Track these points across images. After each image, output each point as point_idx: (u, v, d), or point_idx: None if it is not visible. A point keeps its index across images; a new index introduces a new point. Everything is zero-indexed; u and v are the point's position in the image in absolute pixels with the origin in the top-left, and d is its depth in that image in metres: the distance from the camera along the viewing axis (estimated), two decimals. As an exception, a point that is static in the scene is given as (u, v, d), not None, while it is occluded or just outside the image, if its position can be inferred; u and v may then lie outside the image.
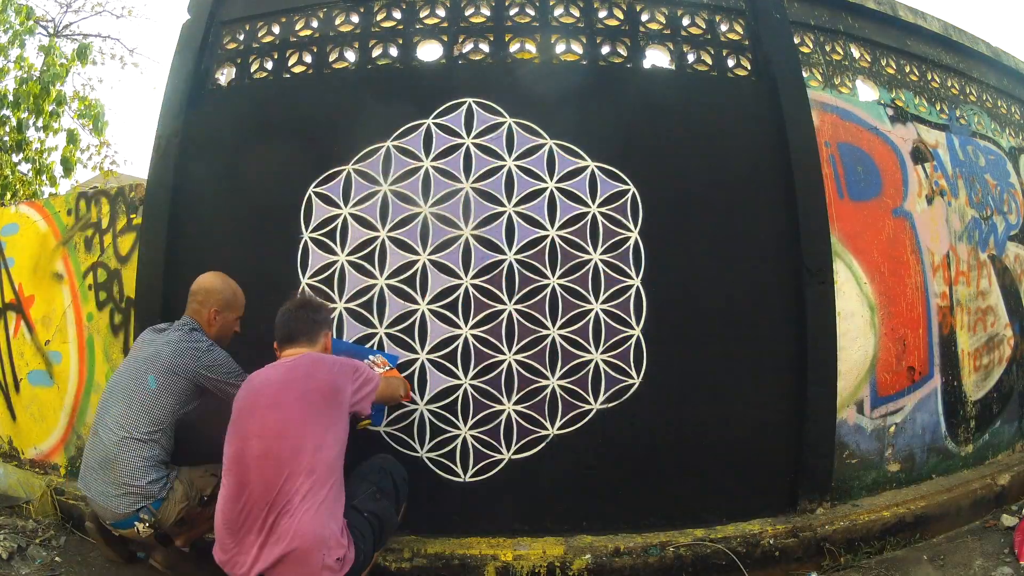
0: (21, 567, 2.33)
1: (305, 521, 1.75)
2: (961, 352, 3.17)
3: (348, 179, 2.63)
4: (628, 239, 2.58)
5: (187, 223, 2.71)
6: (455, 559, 2.27)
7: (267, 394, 1.89)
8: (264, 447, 1.81)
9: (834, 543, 2.43)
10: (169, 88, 2.82)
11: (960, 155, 3.38)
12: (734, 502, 2.54)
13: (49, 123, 6.28)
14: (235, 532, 1.81)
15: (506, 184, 2.60)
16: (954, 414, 3.10)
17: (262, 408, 1.86)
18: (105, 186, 4.26)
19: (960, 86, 3.57)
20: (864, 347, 2.80)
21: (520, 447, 2.48)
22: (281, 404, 1.85)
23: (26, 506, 2.84)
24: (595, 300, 2.55)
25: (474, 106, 2.65)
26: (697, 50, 2.83)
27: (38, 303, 3.22)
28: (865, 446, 2.79)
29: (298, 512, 1.75)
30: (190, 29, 2.89)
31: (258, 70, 2.86)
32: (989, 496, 2.86)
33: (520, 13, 2.80)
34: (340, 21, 2.83)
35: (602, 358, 2.53)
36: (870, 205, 2.94)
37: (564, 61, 2.76)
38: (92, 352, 3.01)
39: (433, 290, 2.54)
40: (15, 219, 3.39)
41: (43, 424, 3.16)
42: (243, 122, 2.79)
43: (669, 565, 2.31)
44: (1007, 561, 2.34)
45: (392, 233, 2.59)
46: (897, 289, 2.93)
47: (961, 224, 3.27)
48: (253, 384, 1.93)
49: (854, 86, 3.12)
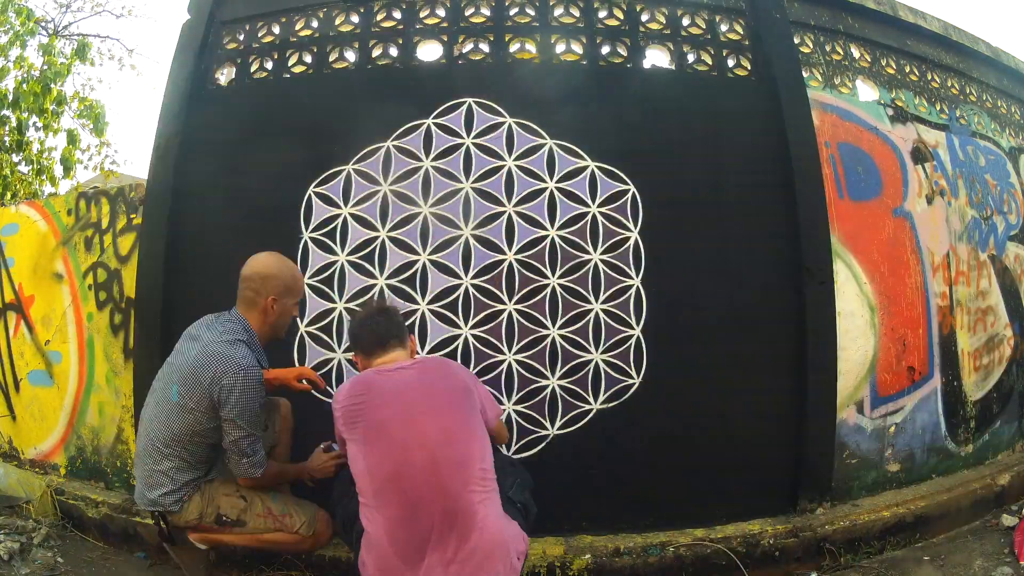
0: (21, 567, 2.33)
1: (490, 528, 1.63)
2: (961, 352, 3.16)
3: (348, 179, 2.63)
4: (628, 239, 2.58)
5: (187, 223, 2.71)
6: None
7: (413, 401, 1.73)
8: (430, 457, 1.65)
9: (834, 543, 2.43)
10: (169, 88, 2.82)
11: (960, 155, 3.38)
12: (734, 502, 2.54)
13: (49, 123, 6.27)
14: (408, 558, 1.61)
15: (506, 184, 2.60)
16: (954, 414, 3.10)
17: (415, 416, 1.71)
18: (105, 186, 4.26)
19: (960, 86, 3.57)
20: (864, 347, 2.80)
21: (520, 447, 2.48)
22: (435, 410, 1.73)
23: (26, 506, 2.84)
24: (595, 300, 2.55)
25: (474, 106, 2.65)
26: (697, 50, 2.83)
27: (38, 303, 3.22)
28: (865, 446, 2.79)
29: (484, 520, 1.63)
30: (190, 29, 2.89)
31: (258, 70, 2.86)
32: (989, 496, 2.86)
33: (520, 13, 2.80)
34: (340, 21, 2.83)
35: (602, 358, 2.53)
36: (870, 205, 2.94)
37: (564, 61, 2.76)
38: (92, 352, 3.01)
39: (433, 290, 2.54)
40: (15, 219, 3.39)
41: (43, 424, 3.16)
42: (243, 122, 2.79)
43: (669, 565, 2.31)
44: (1007, 561, 2.34)
45: (392, 233, 2.59)
46: (897, 289, 2.93)
47: (961, 224, 3.27)
48: (386, 393, 1.75)
49: (854, 86, 3.11)
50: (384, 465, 1.67)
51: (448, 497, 1.63)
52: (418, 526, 1.62)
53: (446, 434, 1.71)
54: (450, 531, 1.61)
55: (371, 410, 1.74)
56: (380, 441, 1.70)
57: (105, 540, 2.60)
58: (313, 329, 2.57)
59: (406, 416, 1.72)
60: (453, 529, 1.61)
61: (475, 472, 1.68)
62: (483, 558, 1.61)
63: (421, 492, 1.64)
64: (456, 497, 1.64)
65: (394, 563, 1.63)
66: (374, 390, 1.77)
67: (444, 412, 1.75)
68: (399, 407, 1.73)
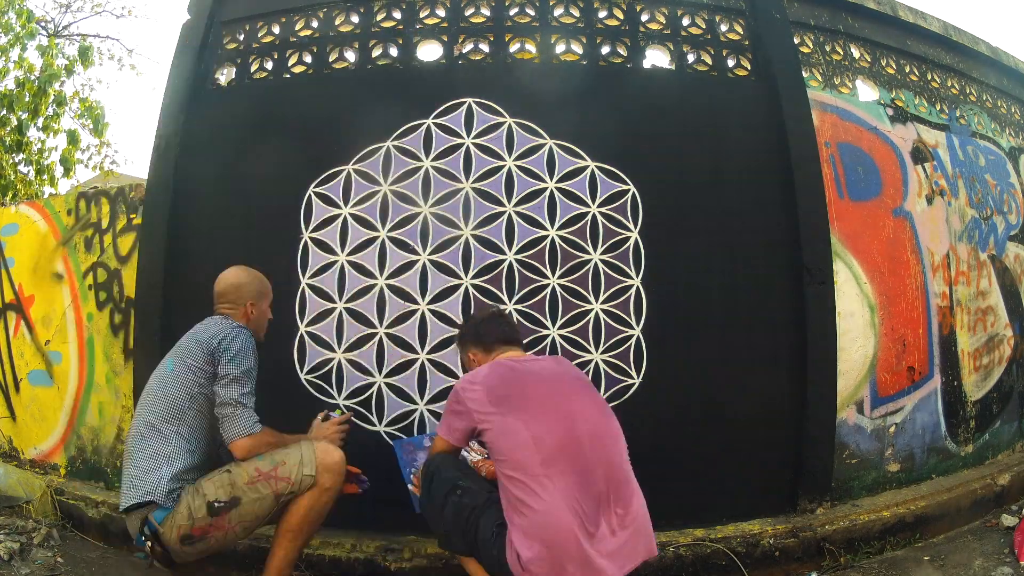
0: (21, 567, 2.33)
1: (640, 496, 1.73)
2: (961, 352, 3.16)
3: (348, 179, 2.63)
4: (628, 239, 2.58)
5: (187, 223, 2.71)
6: (455, 559, 2.26)
7: (564, 380, 1.83)
8: (592, 430, 1.72)
9: (834, 543, 2.43)
10: (169, 88, 2.83)
11: (960, 155, 3.38)
12: (734, 502, 2.54)
13: (49, 123, 6.28)
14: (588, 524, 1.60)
15: (506, 184, 2.60)
16: (954, 414, 3.10)
17: (570, 392, 1.79)
18: (105, 186, 4.25)
19: (960, 86, 3.57)
20: (864, 347, 2.80)
21: (520, 447, 2.48)
22: (582, 391, 1.83)
23: (26, 506, 2.84)
24: (595, 300, 2.55)
25: (474, 106, 2.65)
26: (697, 50, 2.83)
27: (38, 303, 3.23)
28: (865, 446, 2.78)
29: (637, 488, 1.74)
30: (190, 29, 2.89)
31: (258, 70, 2.86)
32: (989, 496, 2.85)
33: (520, 13, 2.80)
34: (340, 21, 2.83)
35: (602, 358, 2.53)
36: (870, 205, 2.94)
37: (564, 61, 2.76)
38: (92, 352, 3.01)
39: (433, 290, 2.54)
40: (15, 219, 3.39)
41: (43, 424, 3.16)
42: (243, 122, 2.79)
43: (669, 565, 2.30)
44: (1007, 561, 2.34)
45: (392, 233, 2.59)
46: (897, 289, 2.93)
47: (961, 224, 3.27)
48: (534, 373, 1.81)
49: (854, 86, 3.12)
50: (554, 432, 1.66)
51: (612, 467, 1.70)
52: (592, 491, 1.64)
53: (601, 409, 1.82)
54: (616, 498, 1.67)
55: (526, 385, 1.76)
56: (544, 412, 1.70)
57: (105, 540, 2.60)
58: (313, 329, 2.56)
59: (563, 392, 1.78)
60: (619, 496, 1.67)
61: (624, 447, 1.78)
62: (642, 522, 1.70)
63: (589, 461, 1.66)
64: (618, 467, 1.71)
65: (571, 536, 1.57)
66: (519, 372, 1.80)
67: (589, 394, 1.86)
68: (554, 385, 1.79)
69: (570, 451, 1.65)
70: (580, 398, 1.79)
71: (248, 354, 1.93)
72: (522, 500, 1.61)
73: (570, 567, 1.56)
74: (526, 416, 1.68)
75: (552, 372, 1.85)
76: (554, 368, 1.88)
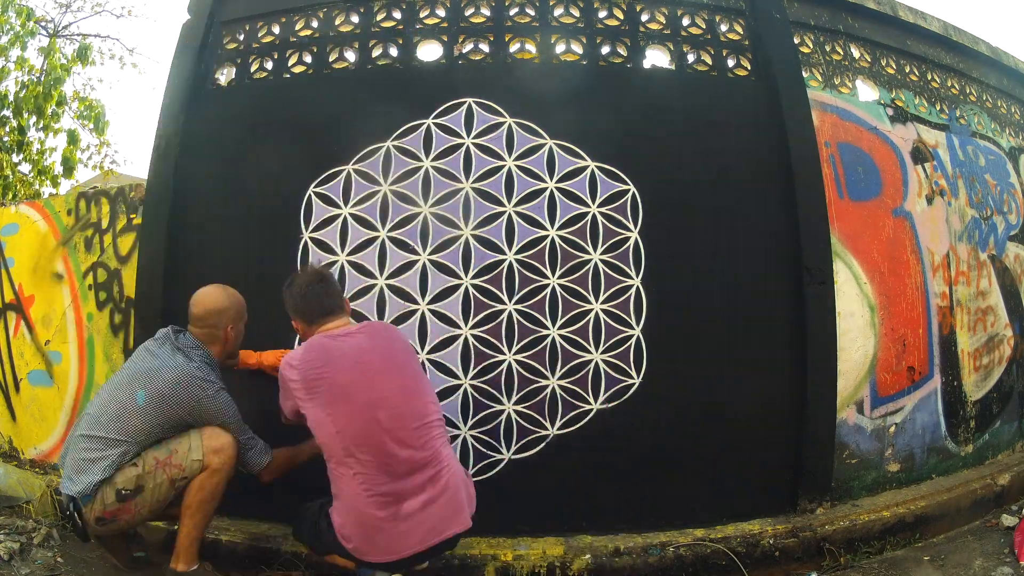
0: (21, 567, 2.33)
1: (453, 466, 1.87)
2: (961, 352, 3.16)
3: (348, 179, 2.63)
4: (628, 239, 2.59)
5: (187, 223, 2.71)
6: (455, 559, 2.26)
7: (371, 363, 1.88)
8: (394, 414, 1.82)
9: (834, 543, 2.43)
10: (169, 88, 2.82)
11: (960, 155, 3.38)
12: (734, 502, 2.54)
13: (50, 124, 6.28)
14: (386, 504, 1.77)
15: (506, 184, 2.60)
16: (954, 414, 3.10)
17: (375, 378, 1.86)
18: (105, 186, 4.25)
19: (960, 86, 3.57)
20: (864, 347, 2.80)
21: (520, 447, 2.48)
22: (392, 370, 1.90)
23: (26, 506, 2.84)
24: (595, 300, 2.55)
25: (474, 106, 2.65)
26: (697, 50, 2.83)
27: (38, 303, 3.22)
28: (865, 446, 2.79)
29: (448, 459, 1.86)
30: (190, 29, 2.89)
31: (258, 70, 2.86)
32: (989, 496, 2.86)
33: (520, 13, 2.80)
34: (340, 21, 2.83)
35: (602, 358, 2.53)
36: (870, 205, 2.94)
37: (564, 61, 2.76)
38: (92, 352, 3.01)
39: (433, 290, 2.54)
40: (15, 219, 3.39)
41: (43, 424, 3.16)
42: (243, 122, 2.79)
43: (669, 565, 2.31)
44: (1007, 561, 2.34)
45: (392, 233, 2.59)
46: (897, 289, 2.93)
47: (961, 224, 3.27)
48: (344, 358, 1.87)
49: (854, 86, 3.11)
50: (354, 423, 1.80)
51: (416, 448, 1.81)
52: (396, 471, 1.78)
53: (404, 391, 1.88)
54: (424, 477, 1.80)
55: (332, 374, 1.85)
56: (346, 403, 1.82)
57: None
58: (313, 329, 2.56)
59: (367, 379, 1.85)
60: (426, 474, 1.80)
61: (434, 422, 1.89)
62: (454, 491, 1.84)
63: (390, 446, 1.79)
64: (423, 447, 1.83)
65: (370, 512, 1.76)
66: (331, 356, 1.88)
67: (400, 372, 1.92)
68: (359, 371, 1.86)
69: (369, 441, 1.78)
70: (388, 378, 1.87)
71: (230, 404, 2.10)
72: (334, 481, 1.84)
73: (378, 539, 1.77)
74: (331, 410, 1.82)
75: (363, 351, 1.90)
76: (367, 344, 1.92)
